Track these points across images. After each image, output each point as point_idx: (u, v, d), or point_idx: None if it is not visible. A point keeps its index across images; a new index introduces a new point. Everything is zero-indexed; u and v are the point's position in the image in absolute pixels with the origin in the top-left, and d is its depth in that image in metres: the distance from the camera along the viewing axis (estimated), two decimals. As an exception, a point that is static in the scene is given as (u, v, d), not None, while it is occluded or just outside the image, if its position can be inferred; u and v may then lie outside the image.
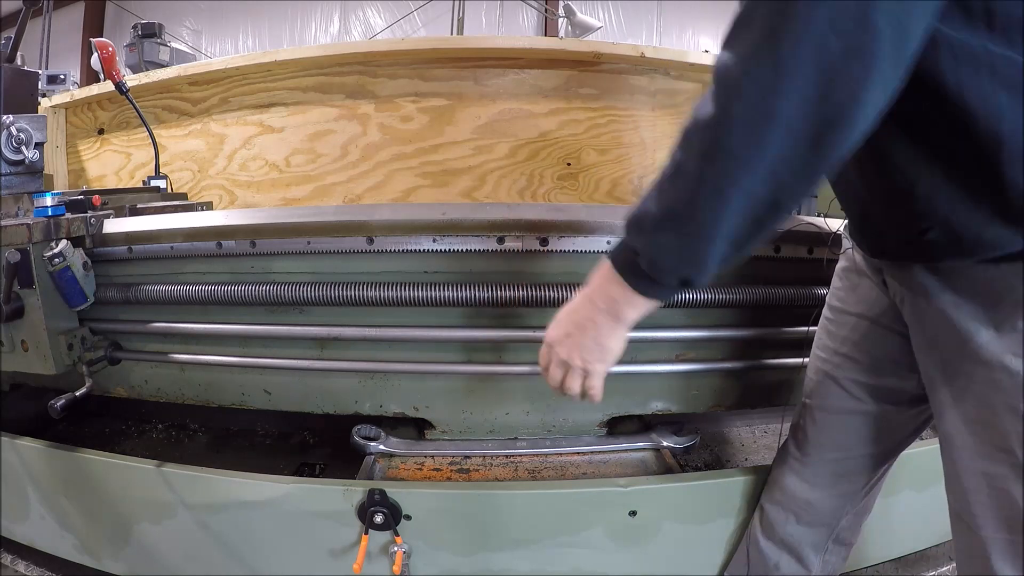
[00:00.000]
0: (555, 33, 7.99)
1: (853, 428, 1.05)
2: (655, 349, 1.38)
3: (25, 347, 1.29)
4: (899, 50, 0.58)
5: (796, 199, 0.65)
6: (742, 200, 0.64)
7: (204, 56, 7.23)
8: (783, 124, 0.59)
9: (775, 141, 0.60)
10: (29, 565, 1.52)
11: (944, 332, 0.79)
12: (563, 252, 1.25)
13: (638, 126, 2.34)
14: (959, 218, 0.70)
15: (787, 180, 0.63)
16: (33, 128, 1.31)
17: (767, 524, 1.19)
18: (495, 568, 1.26)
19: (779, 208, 0.66)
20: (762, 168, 0.61)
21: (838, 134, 0.60)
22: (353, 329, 1.33)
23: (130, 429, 1.92)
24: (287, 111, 2.36)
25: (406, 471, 1.37)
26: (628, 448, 1.43)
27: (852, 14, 0.55)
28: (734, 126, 0.61)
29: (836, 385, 1.05)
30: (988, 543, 0.79)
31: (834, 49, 0.56)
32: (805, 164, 0.62)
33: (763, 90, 0.58)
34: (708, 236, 0.67)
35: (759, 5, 0.59)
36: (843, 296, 1.05)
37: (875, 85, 0.58)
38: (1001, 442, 0.75)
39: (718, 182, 0.64)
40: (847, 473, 1.09)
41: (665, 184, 0.70)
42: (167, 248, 1.36)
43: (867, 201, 0.85)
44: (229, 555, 1.32)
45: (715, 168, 0.63)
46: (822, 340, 1.10)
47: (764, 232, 0.68)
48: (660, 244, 0.71)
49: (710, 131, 0.63)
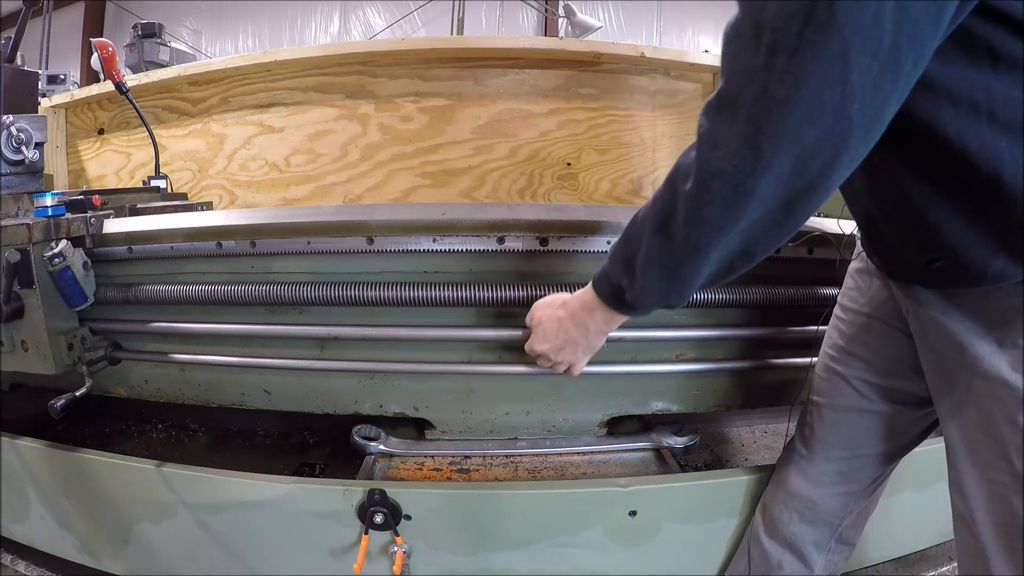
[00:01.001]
0: (555, 33, 7.99)
1: (861, 427, 1.06)
2: (655, 349, 1.38)
3: (25, 347, 1.29)
4: (870, 131, 0.62)
5: (769, 250, 0.73)
6: (719, 254, 0.72)
7: (204, 56, 7.24)
8: (758, 198, 0.65)
9: (751, 211, 0.66)
10: (29, 565, 1.52)
11: (945, 344, 0.81)
12: (563, 252, 1.25)
13: (638, 126, 2.34)
14: (966, 250, 0.72)
15: (760, 238, 0.70)
16: (33, 128, 1.31)
17: (770, 522, 1.19)
18: (495, 568, 1.26)
19: (752, 257, 0.74)
20: (738, 230, 0.69)
21: (808, 202, 0.66)
22: (353, 329, 1.33)
23: (130, 429, 1.93)
24: (287, 111, 2.36)
25: (406, 471, 1.37)
26: (628, 448, 1.43)
27: (830, 109, 0.59)
28: (715, 203, 0.67)
29: (845, 384, 1.06)
30: (988, 549, 0.80)
31: (809, 138, 0.60)
32: (777, 226, 0.69)
33: (743, 174, 0.64)
34: (687, 282, 0.77)
35: (745, 91, 0.62)
36: (855, 296, 1.06)
37: (845, 164, 0.63)
38: (1001, 452, 0.76)
39: (699, 244, 0.72)
40: (852, 472, 1.10)
41: (650, 235, 0.77)
42: (167, 248, 1.36)
43: (879, 225, 0.88)
44: (229, 555, 1.32)
45: (696, 234, 0.71)
46: (833, 339, 1.11)
47: (736, 274, 0.77)
48: (645, 287, 0.81)
49: (694, 203, 0.69)
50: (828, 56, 0.57)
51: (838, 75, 0.57)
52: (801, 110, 0.59)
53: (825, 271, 1.40)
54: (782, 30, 0.58)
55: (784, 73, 0.59)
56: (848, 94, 0.58)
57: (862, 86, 0.58)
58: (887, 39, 0.56)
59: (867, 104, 0.59)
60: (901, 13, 0.56)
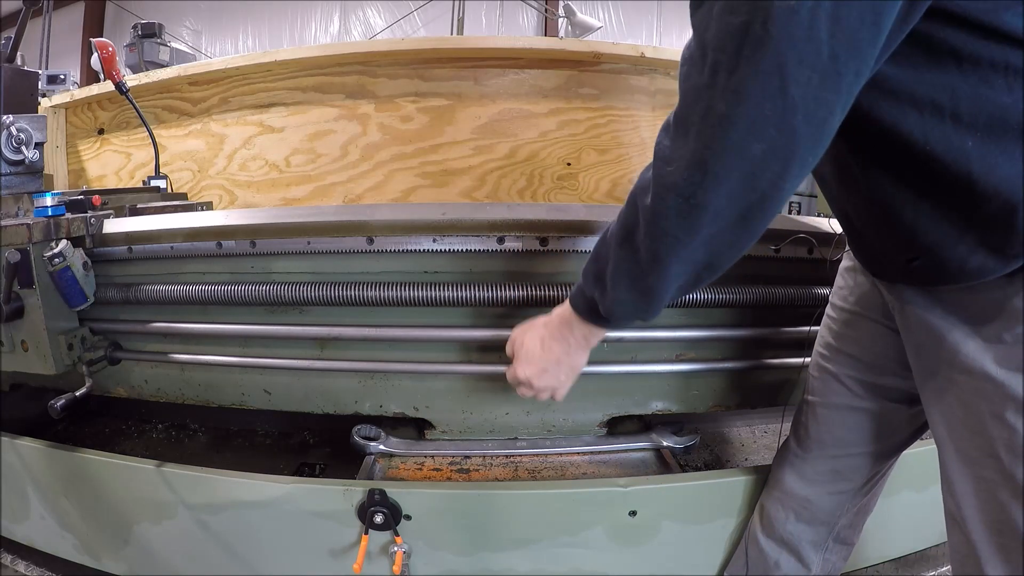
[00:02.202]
0: (555, 33, 7.99)
1: (853, 425, 1.07)
2: (655, 349, 1.38)
3: (25, 347, 1.29)
4: (817, 141, 0.63)
5: (731, 260, 0.75)
6: (683, 266, 0.74)
7: (204, 56, 7.24)
8: (712, 211, 0.67)
9: (706, 224, 0.68)
10: (29, 565, 1.52)
11: (929, 340, 0.82)
12: (563, 252, 1.25)
13: (638, 126, 2.34)
14: (943, 248, 0.73)
15: (720, 249, 0.72)
16: (33, 128, 1.31)
17: (767, 522, 1.19)
18: (495, 568, 1.26)
19: (716, 268, 0.75)
20: (697, 242, 0.71)
21: (763, 212, 0.68)
22: (353, 329, 1.33)
23: (130, 429, 1.93)
24: (287, 111, 2.36)
25: (406, 471, 1.37)
26: (628, 448, 1.43)
27: (772, 122, 0.60)
28: (670, 215, 0.70)
29: (837, 382, 1.07)
30: (978, 546, 0.80)
31: (755, 152, 0.62)
32: (734, 237, 0.71)
33: (693, 187, 0.66)
34: (655, 293, 0.79)
35: (693, 109, 0.65)
36: (845, 295, 1.06)
37: (795, 174, 0.64)
38: (988, 448, 0.76)
39: (660, 256, 0.74)
40: (846, 470, 1.10)
41: (616, 249, 0.80)
42: (167, 248, 1.36)
43: (858, 226, 0.89)
44: (229, 555, 1.32)
45: (656, 245, 0.73)
46: (824, 338, 1.11)
47: (705, 284, 0.79)
48: (616, 299, 0.83)
49: (652, 216, 0.72)
50: (765, 72, 0.58)
51: (777, 89, 0.58)
52: (743, 125, 0.61)
53: (825, 271, 1.40)
54: (722, 49, 0.60)
55: (725, 91, 0.61)
56: (789, 106, 0.59)
57: (803, 97, 0.59)
58: (824, 50, 0.57)
59: (810, 115, 0.60)
60: (836, 24, 0.57)
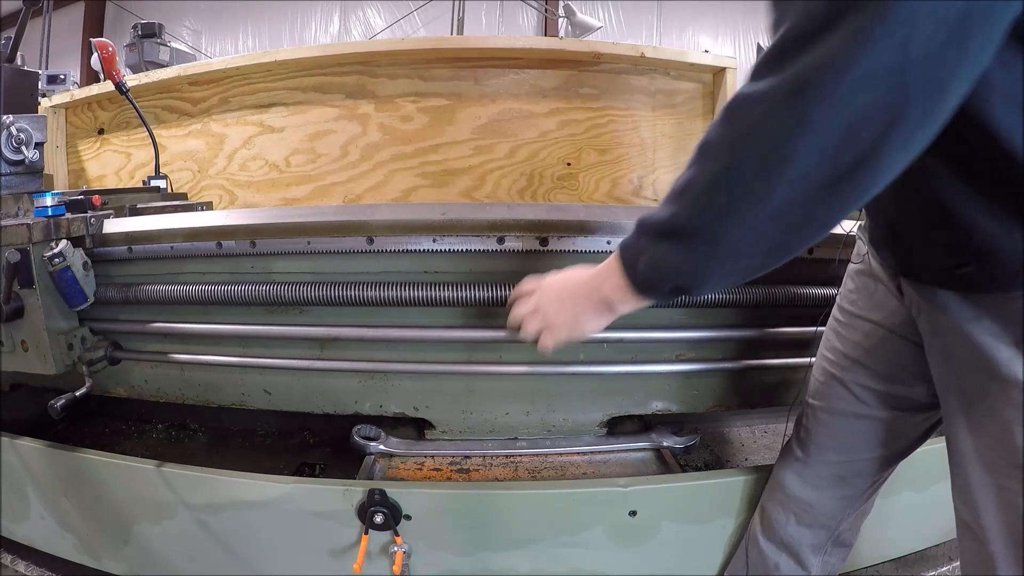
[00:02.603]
0: (555, 33, 7.98)
1: (858, 432, 1.04)
2: (655, 349, 1.38)
3: (25, 347, 1.29)
4: (930, 108, 0.56)
5: (803, 244, 0.64)
6: (748, 238, 0.64)
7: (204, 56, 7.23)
8: (798, 167, 0.58)
9: (787, 183, 0.59)
10: (29, 565, 1.52)
11: (960, 346, 0.78)
12: (563, 252, 1.25)
13: (638, 126, 2.34)
14: (999, 255, 0.68)
15: (796, 223, 0.62)
16: (33, 128, 1.31)
17: (767, 524, 1.19)
18: (495, 568, 1.26)
19: (787, 248, 0.65)
20: (773, 208, 0.61)
21: (852, 184, 0.58)
22: (353, 329, 1.33)
23: (130, 429, 1.92)
24: (287, 111, 2.36)
25: (406, 471, 1.37)
26: (628, 448, 1.43)
27: (886, 73, 0.53)
28: (749, 165, 0.60)
29: (843, 388, 1.04)
30: (997, 557, 0.78)
31: (859, 104, 0.54)
32: (817, 210, 0.61)
33: (784, 136, 0.57)
34: (706, 258, 0.68)
35: (799, 47, 0.57)
36: (855, 299, 1.03)
37: (900, 142, 0.56)
38: (1014, 458, 0.74)
39: (725, 223, 0.64)
40: (849, 476, 1.09)
41: (674, 196, 0.70)
42: (167, 248, 1.36)
43: (900, 223, 0.83)
44: (229, 555, 1.32)
45: (726, 201, 0.63)
46: (831, 342, 1.08)
47: (764, 270, 0.68)
48: (659, 251, 0.73)
49: (728, 165, 0.62)
50: (892, 19, 0.52)
51: (900, 40, 0.52)
52: (854, 72, 0.53)
53: (825, 271, 1.40)
54: None
55: (843, 34, 0.53)
56: (909, 62, 0.52)
57: (925, 55, 0.52)
58: (958, 6, 0.51)
59: (928, 76, 0.53)
60: None
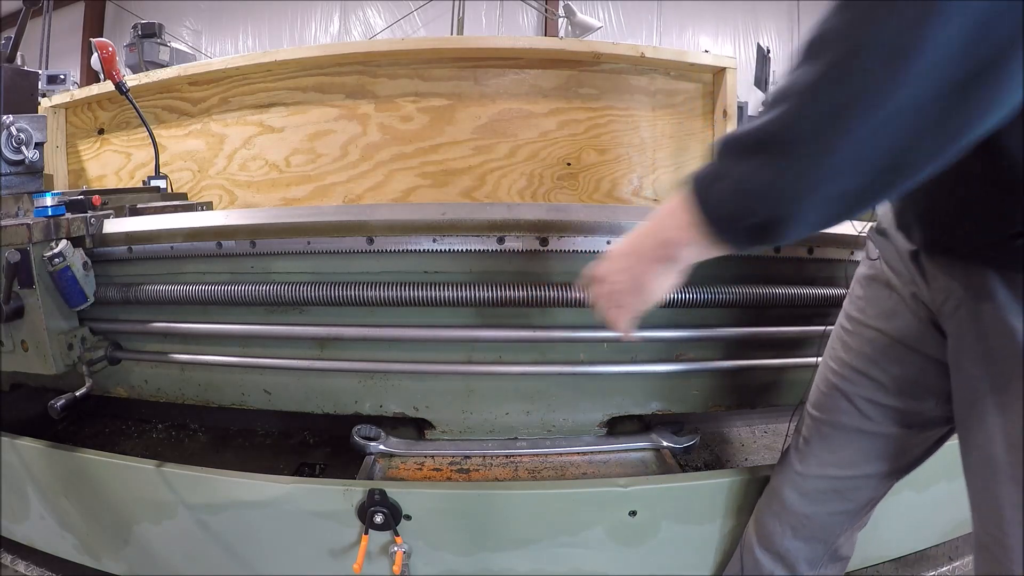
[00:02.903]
0: (555, 33, 7.99)
1: (860, 447, 0.99)
2: (655, 349, 1.38)
3: (25, 347, 1.29)
4: None
5: (916, 168, 0.54)
6: (861, 146, 0.53)
7: (204, 56, 7.23)
8: (924, 65, 0.49)
9: (916, 76, 0.49)
10: (29, 565, 1.52)
11: (1002, 338, 0.70)
12: (563, 252, 1.25)
13: (638, 126, 2.34)
14: None
15: (919, 131, 0.52)
16: (33, 128, 1.31)
17: (763, 534, 1.16)
18: (495, 568, 1.26)
19: (897, 173, 0.54)
20: (892, 108, 0.51)
21: (991, 90, 0.49)
22: (353, 329, 1.33)
23: (130, 429, 1.92)
24: (287, 111, 2.36)
25: (406, 471, 1.37)
26: (628, 448, 1.43)
27: None
28: (873, 52, 0.50)
29: (846, 401, 0.99)
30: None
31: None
32: (944, 118, 0.51)
33: (914, 20, 0.49)
34: (807, 177, 0.56)
35: None
36: (863, 307, 0.97)
37: None
38: None
39: (836, 112, 0.53)
40: (848, 491, 1.05)
41: (774, 102, 0.58)
42: (167, 248, 1.36)
43: (942, 191, 0.70)
44: (229, 555, 1.32)
45: (837, 94, 0.52)
46: (835, 351, 1.02)
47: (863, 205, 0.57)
48: (747, 171, 0.60)
49: (841, 52, 0.53)
50: None
51: None
52: None
53: (825, 271, 1.40)
54: None
55: None
56: None
57: None
58: None
59: None
60: None
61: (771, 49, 6.85)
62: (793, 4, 9.31)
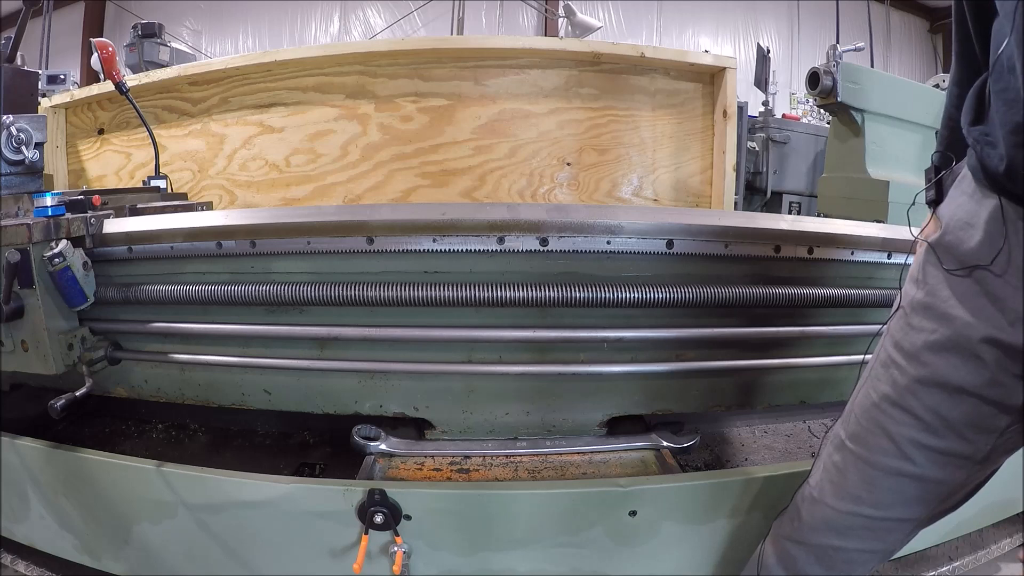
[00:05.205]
0: (555, 33, 7.99)
1: (899, 490, 0.92)
2: (655, 349, 1.38)
3: (25, 347, 1.29)
4: None
5: None
6: None
7: (204, 56, 7.23)
8: None
9: None
10: (29, 565, 1.51)
11: None
12: (563, 252, 1.25)
13: (638, 126, 2.34)
14: None
15: None
16: (33, 128, 1.31)
17: (784, 556, 1.07)
18: (495, 568, 1.26)
19: None
20: None
21: None
22: (353, 329, 1.33)
23: (130, 429, 1.92)
24: (287, 111, 2.36)
25: (406, 471, 1.37)
26: (628, 448, 1.43)
27: None
28: None
29: (888, 440, 0.91)
30: None
31: None
32: None
33: None
34: None
35: None
36: (915, 340, 0.88)
37: None
38: None
39: None
40: (882, 531, 0.98)
41: None
42: (167, 248, 1.36)
43: None
44: (229, 555, 1.32)
45: None
46: (878, 383, 0.93)
47: None
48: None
49: None
50: None
51: None
52: None
53: (825, 271, 1.40)
54: None
55: None
56: None
57: None
58: None
59: None
60: None
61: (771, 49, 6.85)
62: (793, 4, 9.32)
